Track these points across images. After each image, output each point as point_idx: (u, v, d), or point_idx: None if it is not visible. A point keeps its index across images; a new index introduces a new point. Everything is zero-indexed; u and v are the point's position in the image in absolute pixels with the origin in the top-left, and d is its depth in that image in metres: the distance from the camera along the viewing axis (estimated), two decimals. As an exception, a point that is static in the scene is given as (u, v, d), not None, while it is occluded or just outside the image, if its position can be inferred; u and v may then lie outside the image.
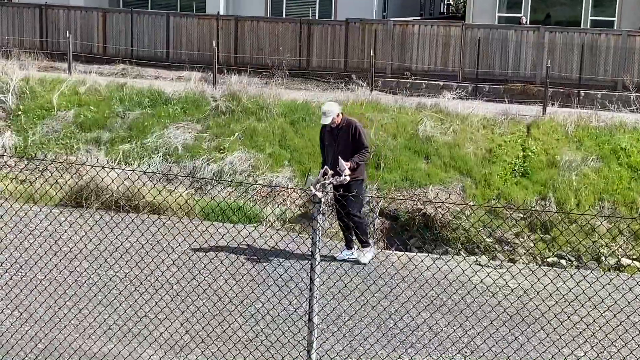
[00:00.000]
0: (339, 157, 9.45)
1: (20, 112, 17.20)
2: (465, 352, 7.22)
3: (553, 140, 15.58)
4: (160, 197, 11.25)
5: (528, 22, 23.85)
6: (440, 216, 13.36)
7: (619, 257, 12.78)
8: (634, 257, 12.71)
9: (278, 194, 14.02)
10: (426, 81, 20.76)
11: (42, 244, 8.46)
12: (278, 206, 13.03)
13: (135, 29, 23.32)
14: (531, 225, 13.52)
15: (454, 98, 18.23)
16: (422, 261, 9.50)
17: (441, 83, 20.59)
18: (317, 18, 24.77)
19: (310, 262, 5.92)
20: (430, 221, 13.42)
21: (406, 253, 10.58)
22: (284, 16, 25.58)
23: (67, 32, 22.08)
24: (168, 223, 9.73)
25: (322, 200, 5.83)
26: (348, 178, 9.17)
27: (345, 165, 9.35)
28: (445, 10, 39.09)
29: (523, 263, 11.79)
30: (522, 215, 13.76)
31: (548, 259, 12.69)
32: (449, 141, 15.56)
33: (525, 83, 20.26)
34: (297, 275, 8.82)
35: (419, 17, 29.20)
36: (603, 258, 12.72)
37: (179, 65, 22.08)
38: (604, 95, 19.51)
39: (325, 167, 9.88)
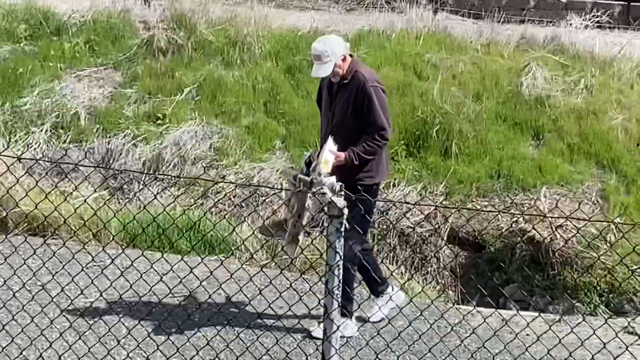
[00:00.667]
0: (330, 137, 9.15)
1: None
2: None
3: None
4: (48, 204, 11.24)
5: None
6: (562, 244, 13.34)
7: None
8: None
9: (264, 200, 14.00)
10: (536, -5, 20.83)
11: None
12: (264, 222, 13.01)
13: None
14: None
15: (586, 27, 18.20)
16: (528, 326, 9.47)
17: (564, -1, 20.63)
18: None
19: (322, 323, 5.87)
20: (542, 253, 13.40)
21: (499, 310, 10.54)
22: None
23: None
24: (61, 252, 9.70)
25: (345, 211, 5.82)
26: (327, 180, 8.35)
27: (330, 155, 8.95)
28: None
29: None
30: None
31: None
32: (579, 106, 15.55)
33: None
34: (297, 350, 8.80)
35: None
36: None
37: (82, -35, 22.19)
38: None
39: (312, 151, 9.40)
